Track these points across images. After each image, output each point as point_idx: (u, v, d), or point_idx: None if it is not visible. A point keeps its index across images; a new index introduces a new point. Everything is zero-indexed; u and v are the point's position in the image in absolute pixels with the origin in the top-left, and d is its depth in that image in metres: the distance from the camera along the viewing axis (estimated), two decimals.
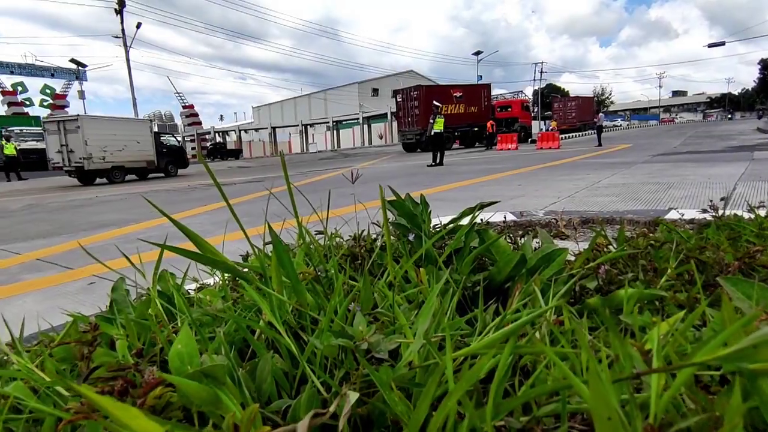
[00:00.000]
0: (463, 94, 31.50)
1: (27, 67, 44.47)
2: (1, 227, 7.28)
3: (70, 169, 17.62)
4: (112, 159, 18.03)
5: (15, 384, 0.67)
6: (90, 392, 0.32)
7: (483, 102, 32.69)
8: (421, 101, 28.92)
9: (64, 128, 17.37)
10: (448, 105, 29.61)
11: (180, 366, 0.48)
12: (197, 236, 0.59)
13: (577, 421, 0.49)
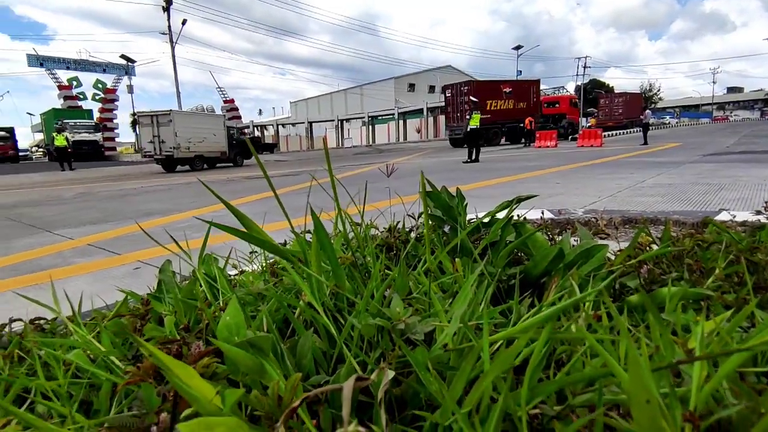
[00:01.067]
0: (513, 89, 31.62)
1: (81, 63, 46.99)
2: (55, 214, 7.77)
3: (160, 157, 20.25)
4: (195, 149, 20.62)
5: (75, 352, 0.72)
6: (155, 350, 0.35)
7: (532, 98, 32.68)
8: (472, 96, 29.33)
9: (157, 122, 20.03)
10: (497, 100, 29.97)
11: (228, 336, 0.51)
12: (246, 217, 0.62)
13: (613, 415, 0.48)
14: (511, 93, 31.21)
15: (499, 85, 31.37)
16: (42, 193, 11.89)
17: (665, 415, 0.32)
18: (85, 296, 1.92)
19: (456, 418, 0.36)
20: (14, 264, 4.36)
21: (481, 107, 16.16)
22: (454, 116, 30.85)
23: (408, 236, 1.20)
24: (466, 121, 15.57)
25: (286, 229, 0.94)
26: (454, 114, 31.01)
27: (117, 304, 1.18)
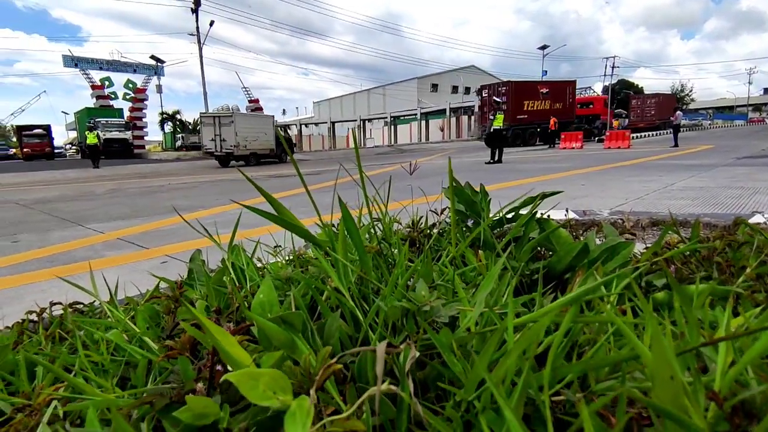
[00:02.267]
0: (549, 90, 31.98)
1: (113, 64, 48.49)
2: (88, 209, 8.06)
3: (219, 154, 22.45)
4: (251, 147, 22.82)
5: (113, 332, 0.76)
6: (202, 316, 0.37)
7: (567, 98, 33.08)
8: (510, 96, 29.84)
9: (219, 122, 22.39)
10: (534, 101, 30.51)
11: (262, 313, 0.54)
12: (280, 203, 0.65)
13: (637, 407, 0.48)
14: (548, 93, 31.93)
15: (536, 86, 31.86)
16: (75, 189, 12.34)
17: (688, 393, 0.32)
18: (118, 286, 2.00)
19: (476, 396, 0.37)
20: (50, 255, 4.55)
21: (504, 109, 16.03)
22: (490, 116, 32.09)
23: (431, 230, 1.21)
24: (489, 122, 15.46)
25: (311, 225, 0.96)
26: (489, 114, 32.15)
27: (148, 293, 1.23)
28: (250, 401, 0.34)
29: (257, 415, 0.39)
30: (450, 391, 0.47)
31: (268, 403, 0.34)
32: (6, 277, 3.82)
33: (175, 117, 61.98)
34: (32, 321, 1.14)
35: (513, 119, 29.05)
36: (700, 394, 0.34)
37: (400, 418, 0.41)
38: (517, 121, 29.72)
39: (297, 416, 0.32)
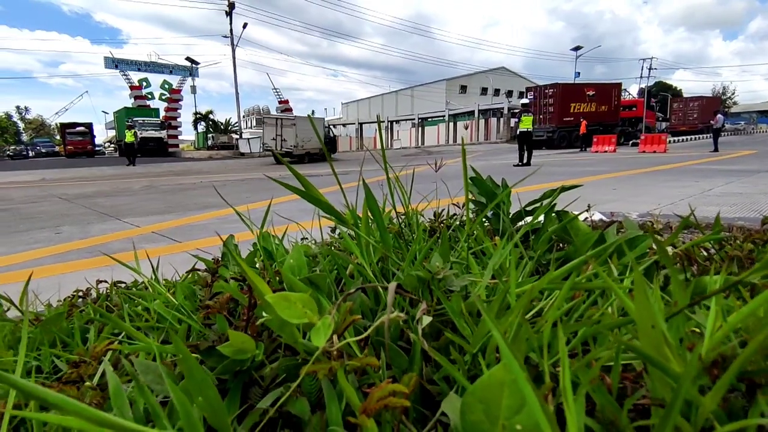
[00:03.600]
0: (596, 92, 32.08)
1: (150, 65, 50.19)
2: (125, 204, 8.42)
3: (280, 153, 24.61)
4: (306, 147, 25.59)
5: (156, 302, 0.83)
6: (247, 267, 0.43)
7: (613, 101, 33.17)
8: (557, 98, 30.42)
9: (281, 124, 25.47)
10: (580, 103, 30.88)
11: (290, 275, 0.59)
12: (308, 181, 0.70)
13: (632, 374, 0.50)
14: (594, 96, 32.31)
15: (582, 88, 32.29)
16: (113, 185, 12.88)
17: (669, 343, 0.35)
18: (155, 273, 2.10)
19: (480, 350, 0.40)
20: (90, 246, 4.79)
21: (532, 111, 15.82)
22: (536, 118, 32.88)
23: (451, 221, 1.24)
24: (515, 123, 15.27)
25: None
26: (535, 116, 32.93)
27: (183, 275, 1.31)
28: (280, 341, 0.39)
29: (285, 362, 0.44)
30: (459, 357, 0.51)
31: (300, 320, 0.39)
32: (49, 265, 4.06)
33: (208, 117, 63.67)
34: (81, 297, 1.24)
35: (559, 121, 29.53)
36: (685, 351, 0.37)
37: (411, 369, 0.45)
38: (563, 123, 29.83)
39: (321, 329, 0.37)
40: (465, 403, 0.32)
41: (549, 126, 30.39)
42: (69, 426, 0.27)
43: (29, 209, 8.12)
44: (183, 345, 0.37)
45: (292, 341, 0.42)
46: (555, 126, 29.64)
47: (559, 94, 30.39)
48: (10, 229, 5.99)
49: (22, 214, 7.46)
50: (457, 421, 0.33)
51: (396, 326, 0.48)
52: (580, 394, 0.34)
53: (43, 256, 4.43)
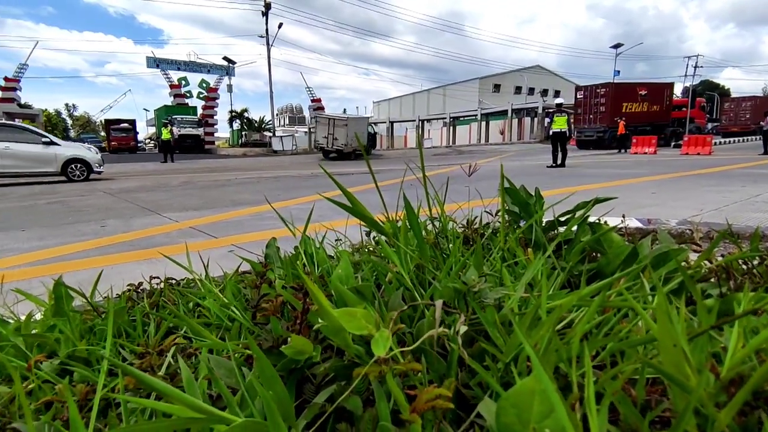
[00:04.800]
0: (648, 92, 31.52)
1: (190, 64, 51.79)
2: (164, 199, 8.78)
3: (329, 149, 27.44)
4: (353, 145, 27.33)
5: (208, 301, 0.91)
6: (304, 275, 0.48)
7: (665, 101, 32.54)
8: (609, 98, 30.06)
9: (333, 123, 27.52)
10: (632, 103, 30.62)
11: (339, 284, 0.64)
12: (352, 195, 0.75)
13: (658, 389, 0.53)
14: (646, 96, 31.77)
15: (635, 88, 31.68)
16: (153, 180, 13.43)
17: (690, 361, 0.38)
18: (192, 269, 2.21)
19: (513, 359, 0.44)
20: (133, 240, 5.04)
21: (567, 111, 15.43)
22: (586, 118, 32.04)
23: (484, 229, 1.27)
24: (548, 123, 14.92)
25: None
26: (585, 116, 32.19)
27: (227, 275, 1.39)
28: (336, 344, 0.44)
29: (336, 363, 0.49)
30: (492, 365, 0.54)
31: (362, 332, 0.44)
32: (95, 257, 4.30)
33: (243, 115, 65.23)
34: (135, 291, 1.34)
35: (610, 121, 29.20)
36: (706, 370, 0.40)
37: (449, 374, 0.49)
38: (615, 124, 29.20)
39: (380, 341, 0.42)
40: (500, 406, 0.36)
41: (599, 126, 30.00)
42: (170, 412, 0.33)
43: (76, 202, 8.60)
44: (256, 346, 0.42)
45: (344, 346, 0.48)
46: (606, 126, 29.19)
47: (612, 93, 29.92)
48: (60, 222, 6.37)
49: (70, 207, 7.90)
50: (492, 423, 0.37)
51: (437, 336, 0.52)
52: (604, 404, 0.37)
53: (90, 248, 4.69)
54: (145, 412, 0.54)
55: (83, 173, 13.93)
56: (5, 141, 12.74)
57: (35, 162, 13.26)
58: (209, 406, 0.34)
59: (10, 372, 0.77)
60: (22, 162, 13.02)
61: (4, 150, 12.67)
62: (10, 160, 12.77)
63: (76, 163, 13.81)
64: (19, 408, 0.65)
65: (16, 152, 12.87)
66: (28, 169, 13.23)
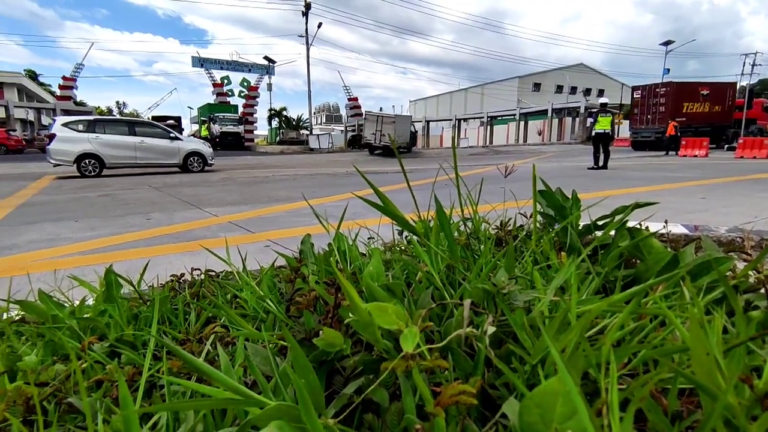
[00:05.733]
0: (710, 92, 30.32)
1: (232, 64, 53.39)
2: (205, 194, 9.10)
3: (377, 146, 29.98)
4: (398, 142, 29.59)
5: (245, 293, 0.95)
6: (339, 273, 0.50)
7: (727, 101, 31.29)
8: (669, 98, 29.26)
9: (381, 120, 30.06)
10: (693, 103, 29.58)
11: (370, 281, 0.66)
12: (385, 196, 0.77)
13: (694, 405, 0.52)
14: (708, 95, 30.48)
15: (696, 87, 30.55)
16: (195, 176, 13.96)
17: (723, 372, 0.37)
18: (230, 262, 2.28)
19: (540, 361, 0.44)
20: (175, 233, 5.26)
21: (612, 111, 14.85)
22: (643, 118, 31.19)
23: (518, 232, 1.25)
24: (591, 123, 14.39)
25: None
26: (642, 116, 31.34)
27: (263, 269, 1.44)
28: (366, 338, 0.46)
29: (364, 357, 0.51)
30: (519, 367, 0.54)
31: (393, 327, 0.46)
32: (141, 248, 4.52)
33: (281, 113, 66.65)
34: (177, 281, 1.41)
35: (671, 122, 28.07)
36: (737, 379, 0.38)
37: (475, 373, 0.50)
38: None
39: (408, 337, 0.43)
40: (523, 406, 0.37)
41: (658, 126, 28.90)
42: (210, 394, 0.35)
43: (125, 196, 9.05)
44: (291, 336, 0.45)
45: (373, 340, 0.49)
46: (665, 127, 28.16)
47: (673, 93, 28.86)
48: (110, 214, 6.72)
49: (119, 200, 8.33)
50: (516, 421, 0.38)
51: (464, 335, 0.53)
52: (630, 410, 0.37)
53: (137, 239, 4.93)
54: (186, 394, 0.57)
55: (200, 165, 15.78)
56: (141, 136, 14.74)
57: (163, 155, 15.13)
58: (246, 390, 0.36)
59: (68, 351, 0.83)
60: (153, 154, 14.93)
61: (140, 144, 14.62)
62: (144, 152, 14.73)
63: (195, 156, 15.66)
64: (74, 384, 0.71)
65: (150, 146, 14.81)
66: (157, 161, 15.11)
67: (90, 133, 14.17)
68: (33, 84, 64.06)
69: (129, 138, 14.62)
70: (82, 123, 14.45)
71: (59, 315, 1.05)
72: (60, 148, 13.85)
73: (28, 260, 4.07)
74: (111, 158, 14.37)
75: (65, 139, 13.89)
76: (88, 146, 14.01)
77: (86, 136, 14.06)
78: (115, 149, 14.41)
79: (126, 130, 14.80)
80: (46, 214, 6.76)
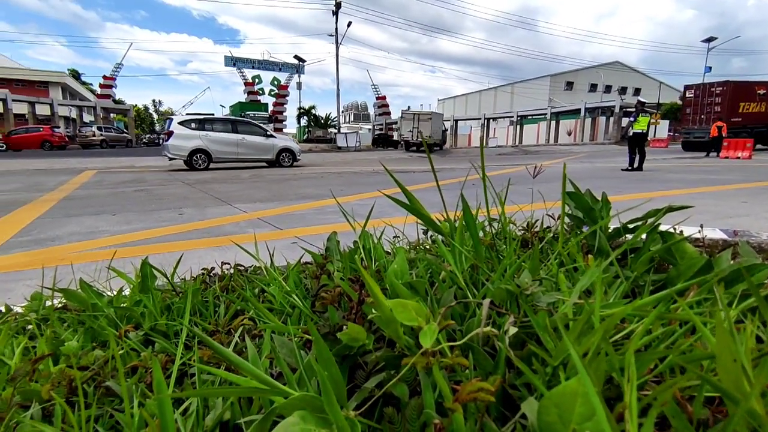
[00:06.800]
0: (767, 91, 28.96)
1: (263, 63, 54.40)
2: (235, 190, 9.32)
3: (414, 142, 32.19)
4: (435, 138, 32.28)
5: (272, 288, 0.98)
6: (363, 270, 0.52)
7: None
8: (725, 98, 28.23)
9: (418, 118, 32.82)
10: (749, 103, 28.50)
11: (394, 279, 0.67)
12: (411, 194, 0.78)
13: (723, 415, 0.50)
14: (765, 95, 29.25)
15: (753, 87, 29.31)
16: (226, 173, 14.31)
17: (750, 378, 0.36)
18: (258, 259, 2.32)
19: (561, 364, 0.44)
20: (206, 228, 5.41)
21: (649, 111, 14.31)
22: (695, 118, 30.19)
23: (544, 233, 1.24)
24: (629, 123, 13.91)
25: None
26: (695, 116, 30.36)
27: (289, 265, 1.48)
28: (388, 335, 0.47)
29: (386, 353, 0.52)
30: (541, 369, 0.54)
31: (413, 323, 0.47)
32: (174, 242, 4.67)
33: (310, 112, 67.45)
34: (208, 275, 1.46)
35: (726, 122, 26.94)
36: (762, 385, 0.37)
37: (495, 373, 0.50)
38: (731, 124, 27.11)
39: (428, 333, 0.44)
40: (542, 405, 0.37)
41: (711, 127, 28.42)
42: (238, 383, 0.37)
43: (159, 191, 9.37)
44: (315, 330, 0.46)
45: (395, 337, 0.50)
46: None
47: (729, 92, 27.69)
48: (145, 208, 6.97)
49: (154, 195, 8.63)
50: (534, 420, 0.38)
51: (484, 334, 0.53)
52: (651, 414, 0.37)
53: (170, 234, 5.10)
54: (215, 383, 0.60)
55: (290, 160, 17.11)
56: (242, 134, 16.06)
57: (260, 151, 16.42)
58: (272, 380, 0.38)
59: (109, 338, 0.88)
60: (251, 150, 16.22)
61: (241, 140, 15.91)
62: (244, 148, 16.05)
63: (286, 152, 16.98)
64: (111, 370, 0.75)
65: (249, 142, 16.11)
66: (254, 156, 16.41)
67: (200, 130, 15.44)
68: (76, 83, 67.00)
69: (232, 135, 15.79)
70: (194, 121, 15.78)
71: (98, 304, 1.11)
72: (177, 144, 15.03)
73: (69, 251, 4.28)
74: (217, 153, 15.60)
75: (181, 136, 15.09)
76: (199, 142, 15.26)
77: (198, 134, 15.32)
78: (221, 145, 15.60)
79: (230, 128, 16.01)
80: (86, 208, 7.07)
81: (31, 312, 1.23)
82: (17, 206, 7.20)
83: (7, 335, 1.00)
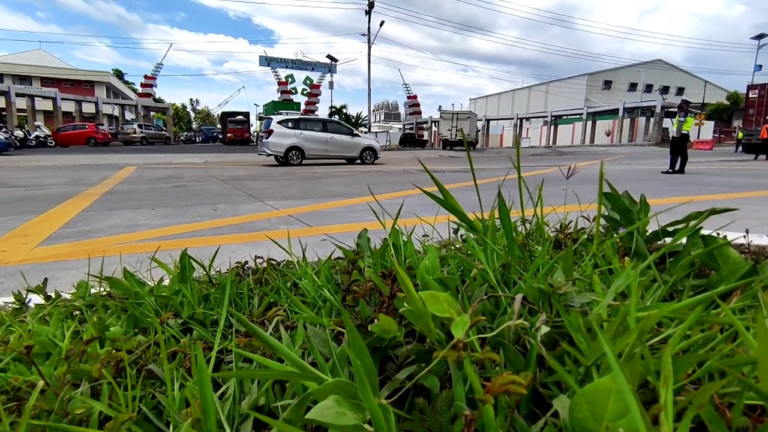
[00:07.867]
0: None
1: (296, 63, 55.22)
2: (267, 188, 9.51)
3: (453, 140, 34.79)
4: (472, 136, 33.82)
5: (305, 282, 1.00)
6: (397, 265, 0.53)
7: None
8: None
9: (457, 117, 35.51)
10: None
11: (426, 274, 0.68)
12: (447, 191, 0.79)
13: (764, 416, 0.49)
14: None
15: None
16: (258, 170, 14.63)
17: None
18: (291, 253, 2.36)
19: (594, 363, 0.44)
20: (239, 223, 5.55)
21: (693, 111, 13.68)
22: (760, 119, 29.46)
23: (578, 234, 1.21)
24: (680, 125, 13.29)
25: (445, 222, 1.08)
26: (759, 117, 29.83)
27: (320, 261, 1.50)
28: (419, 328, 0.48)
29: (417, 346, 0.53)
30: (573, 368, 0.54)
31: (445, 314, 0.48)
32: (209, 236, 4.82)
33: (341, 111, 68.04)
34: (242, 268, 1.51)
35: None
36: None
37: (526, 370, 0.50)
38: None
39: (459, 324, 0.45)
40: (574, 401, 0.37)
41: None
42: (273, 368, 0.39)
43: (195, 187, 9.68)
44: (349, 320, 0.48)
45: (426, 330, 0.51)
46: None
47: None
48: (182, 204, 7.22)
49: (190, 191, 8.92)
50: (566, 417, 0.38)
51: (515, 331, 0.53)
52: (687, 416, 0.36)
53: (205, 228, 5.26)
54: (251, 368, 0.63)
55: (371, 158, 18.36)
56: (331, 132, 17.42)
57: (346, 149, 17.70)
58: (308, 365, 0.39)
59: (147, 325, 0.92)
60: (338, 148, 17.54)
61: (330, 139, 17.26)
62: (333, 146, 17.39)
63: (369, 151, 18.22)
64: (153, 354, 0.79)
65: (337, 141, 17.47)
66: (341, 153, 17.71)
67: (296, 129, 16.74)
68: (119, 82, 69.99)
69: (322, 134, 17.11)
70: (291, 121, 17.12)
71: (140, 292, 1.17)
72: (276, 141, 16.38)
73: (112, 243, 4.48)
74: (310, 150, 16.92)
75: (279, 134, 16.45)
76: (295, 140, 16.57)
77: (293, 132, 16.65)
78: (313, 143, 16.90)
79: (321, 127, 17.33)
80: (127, 202, 7.39)
81: (79, 298, 1.30)
82: (65, 199, 7.61)
83: (57, 319, 1.06)
